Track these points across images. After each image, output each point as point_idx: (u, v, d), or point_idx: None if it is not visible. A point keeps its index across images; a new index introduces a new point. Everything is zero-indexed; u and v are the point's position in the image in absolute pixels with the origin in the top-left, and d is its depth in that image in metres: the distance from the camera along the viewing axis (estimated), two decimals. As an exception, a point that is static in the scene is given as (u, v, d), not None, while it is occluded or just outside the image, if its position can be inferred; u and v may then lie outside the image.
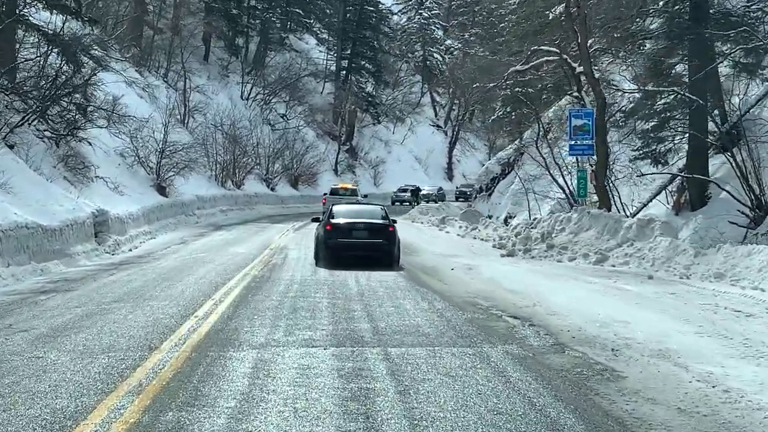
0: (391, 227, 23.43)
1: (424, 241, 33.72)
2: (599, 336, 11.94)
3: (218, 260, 25.82)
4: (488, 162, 58.21)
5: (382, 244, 23.01)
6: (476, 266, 22.65)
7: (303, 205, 70.17)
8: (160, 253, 30.09)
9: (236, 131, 62.24)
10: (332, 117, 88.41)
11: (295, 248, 30.81)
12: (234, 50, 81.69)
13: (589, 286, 17.24)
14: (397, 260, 23.34)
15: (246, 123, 66.93)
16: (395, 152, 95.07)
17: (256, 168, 65.12)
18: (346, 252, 22.95)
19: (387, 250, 22.95)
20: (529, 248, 25.61)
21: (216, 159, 58.46)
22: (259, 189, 64.74)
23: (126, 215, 36.29)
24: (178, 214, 46.41)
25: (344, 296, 16.69)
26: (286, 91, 79.88)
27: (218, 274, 21.24)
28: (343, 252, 22.95)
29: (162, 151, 47.20)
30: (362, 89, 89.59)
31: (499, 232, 33.10)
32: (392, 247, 23.07)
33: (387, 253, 22.91)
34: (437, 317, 13.99)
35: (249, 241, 35.20)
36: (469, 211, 46.52)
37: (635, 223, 22.19)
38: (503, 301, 15.77)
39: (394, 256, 23.05)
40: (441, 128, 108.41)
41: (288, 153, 70.24)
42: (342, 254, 22.92)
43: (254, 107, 75.45)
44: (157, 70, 66.89)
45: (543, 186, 48.06)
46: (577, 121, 26.18)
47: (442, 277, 20.81)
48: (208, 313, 14.37)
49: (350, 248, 22.97)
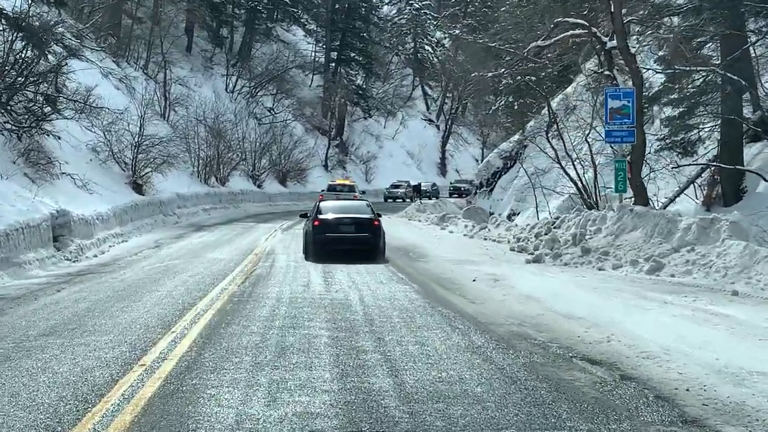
0: (376, 222, 23.85)
1: (429, 243, 29.57)
2: (746, 404, 7.78)
3: (193, 270, 21.62)
4: (489, 155, 54.07)
5: (369, 237, 23.50)
6: (502, 276, 18.51)
7: (292, 203, 65.88)
8: (128, 260, 25.87)
9: (220, 125, 57.96)
10: (321, 111, 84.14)
11: (284, 253, 26.62)
12: (218, 41, 77.35)
13: (667, 309, 13.10)
14: (383, 253, 23.83)
15: (231, 116, 62.68)
16: (387, 147, 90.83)
17: (242, 164, 60.84)
18: (333, 246, 23.26)
19: (373, 243, 23.49)
20: (559, 252, 21.47)
21: (198, 154, 54.15)
22: (245, 186, 60.46)
23: (93, 216, 32.05)
24: (155, 213, 42.14)
25: (348, 325, 12.52)
26: (273, 84, 75.56)
27: (189, 291, 17.04)
28: (331, 246, 23.24)
29: (138, 145, 42.91)
30: (352, 82, 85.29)
31: (513, 233, 28.99)
32: (378, 240, 23.62)
33: (373, 246, 23.45)
34: (483, 362, 9.83)
35: (232, 244, 30.99)
36: (473, 208, 42.39)
37: (695, 223, 18.06)
38: (563, 333, 11.63)
39: (379, 249, 23.59)
40: (433, 122, 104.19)
41: (275, 148, 65.95)
42: (330, 248, 23.18)
43: (240, 100, 71.16)
44: (136, 61, 62.56)
45: (551, 180, 44.01)
46: (615, 103, 22.03)
47: (464, 291, 16.66)
48: (161, 357, 10.17)
49: (338, 242, 23.35)
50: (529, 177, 43.00)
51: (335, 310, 14.06)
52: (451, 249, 27.11)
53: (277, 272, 20.62)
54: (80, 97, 45.47)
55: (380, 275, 19.72)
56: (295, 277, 19.50)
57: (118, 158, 42.54)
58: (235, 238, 34.13)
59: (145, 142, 43.38)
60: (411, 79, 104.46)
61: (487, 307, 14.40)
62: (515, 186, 49.54)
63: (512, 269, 20.11)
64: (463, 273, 19.69)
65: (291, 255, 25.77)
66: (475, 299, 15.48)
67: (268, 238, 33.87)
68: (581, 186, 37.83)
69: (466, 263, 22.05)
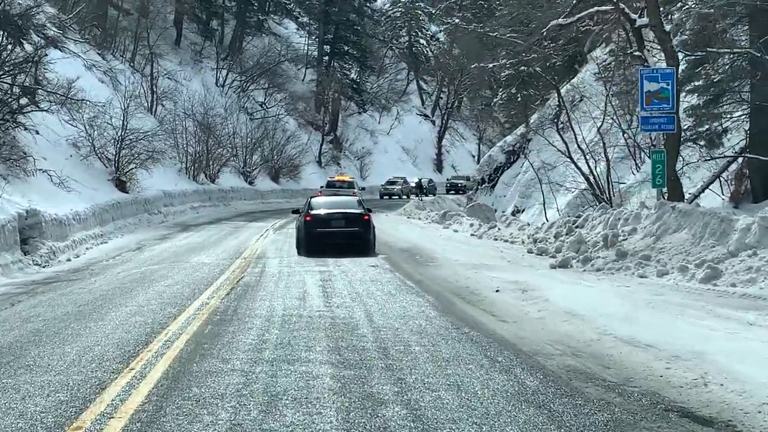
0: (366, 216, 24.00)
1: (436, 245, 26.81)
2: None
3: (173, 277, 18.88)
4: (491, 149, 51.33)
5: (359, 231, 23.72)
6: (528, 285, 15.77)
7: (284, 201, 63.06)
8: (103, 265, 23.10)
9: (210, 119, 55.12)
10: (314, 105, 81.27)
11: (276, 256, 23.88)
12: (208, 34, 74.50)
13: (757, 333, 10.36)
14: (373, 247, 24.03)
15: (221, 111, 59.84)
16: (382, 143, 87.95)
17: (233, 160, 58.01)
18: (325, 240, 23.43)
19: (364, 237, 23.70)
20: (589, 256, 18.73)
21: (186, 150, 51.31)
22: (235, 183, 57.65)
23: (69, 216, 29.28)
24: (140, 212, 39.35)
25: (357, 357, 9.76)
26: (264, 78, 72.66)
27: (163, 306, 14.28)
28: (323, 240, 23.41)
29: (121, 139, 40.09)
30: (346, 75, 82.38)
31: (528, 232, 26.28)
32: (368, 234, 23.84)
33: (364, 240, 23.64)
34: (549, 423, 7.07)
35: (219, 245, 28.23)
36: (477, 206, 39.65)
37: (756, 223, 15.32)
38: (637, 369, 8.90)
39: (370, 243, 23.77)
40: (428, 117, 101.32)
41: (267, 143, 63.08)
42: (321, 242, 23.37)
43: (230, 95, 68.29)
44: (123, 54, 59.72)
45: (558, 175, 41.29)
46: (651, 86, 19.22)
47: (489, 305, 13.95)
48: (106, 414, 7.40)
49: (329, 237, 23.56)
50: (535, 172, 40.30)
51: (338, 334, 11.29)
52: (461, 251, 24.36)
53: (267, 281, 17.85)
54: (61, 89, 42.85)
55: (387, 284, 16.97)
56: (288, 286, 16.74)
57: (101, 154, 39.76)
58: (224, 239, 31.36)
59: (129, 137, 40.55)
60: (406, 73, 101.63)
61: (523, 328, 11.66)
62: (519, 181, 46.82)
63: (538, 276, 17.37)
64: (482, 281, 16.95)
65: (284, 259, 23.02)
66: (506, 316, 12.74)
67: (258, 238, 31.11)
68: (593, 181, 35.25)
69: (482, 268, 19.31)
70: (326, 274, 18.85)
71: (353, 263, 21.29)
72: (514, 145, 48.91)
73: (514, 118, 51.14)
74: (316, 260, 22.50)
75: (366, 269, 19.88)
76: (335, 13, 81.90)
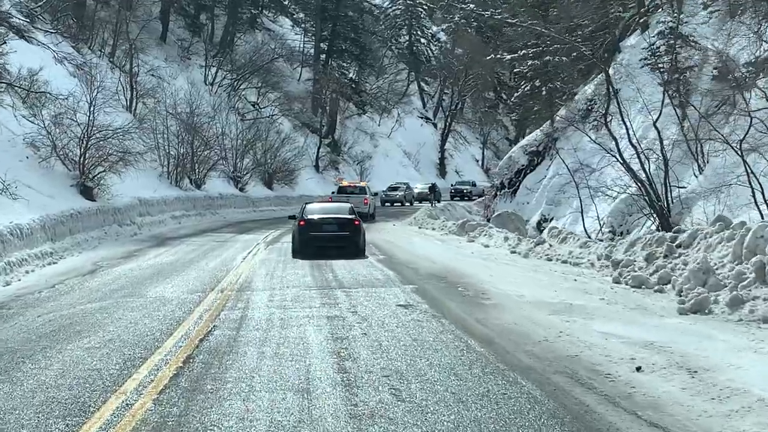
0: (357, 221, 24.72)
1: (474, 267, 20.15)
2: None
3: (107, 329, 12.33)
4: (511, 150, 44.61)
5: (350, 236, 24.22)
6: (685, 355, 9.21)
7: (279, 208, 56.27)
8: (29, 300, 16.45)
9: (195, 119, 48.39)
10: (311, 106, 74.54)
11: (265, 287, 17.27)
12: (196, 29, 67.84)
13: None
14: (363, 250, 24.36)
15: (208, 109, 53.08)
16: (382, 146, 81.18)
17: (221, 163, 51.24)
18: (317, 243, 23.96)
19: (354, 240, 24.20)
20: (739, 296, 12.08)
21: (168, 152, 44.59)
22: (224, 189, 50.90)
23: (6, 230, 22.61)
24: (108, 223, 32.64)
25: None
26: (257, 76, 65.92)
27: (62, 404, 7.60)
28: (315, 243, 23.95)
29: (87, 137, 33.41)
30: (344, 75, 75.64)
31: (596, 251, 19.63)
32: (358, 238, 24.29)
33: (354, 244, 24.13)
34: None
35: (194, 268, 21.57)
36: (505, 215, 33.04)
37: None
38: None
39: (360, 246, 24.22)
40: (430, 120, 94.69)
41: (260, 145, 56.31)
42: (314, 245, 23.89)
43: (220, 94, 61.56)
44: (102, 48, 53.08)
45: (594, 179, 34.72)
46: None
47: (655, 413, 7.27)
48: None
49: (321, 240, 24.10)
50: (571, 174, 33.67)
51: None
52: (514, 278, 17.73)
53: (248, 340, 11.20)
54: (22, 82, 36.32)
55: (441, 349, 10.31)
56: (280, 356, 10.08)
57: (63, 155, 33.11)
58: (203, 257, 24.68)
59: (96, 135, 33.87)
60: (406, 74, 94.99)
61: None
62: (546, 186, 40.23)
63: (677, 333, 10.76)
64: (591, 341, 10.34)
65: (276, 291, 16.41)
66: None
67: (246, 256, 24.49)
68: (646, 184, 28.79)
69: (571, 312, 12.68)
70: (338, 324, 12.23)
71: (372, 299, 14.70)
72: (538, 144, 42.35)
73: (537, 115, 44.50)
74: (320, 292, 15.99)
75: (396, 312, 13.29)
76: (333, 8, 75.14)
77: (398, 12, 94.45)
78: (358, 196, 43.67)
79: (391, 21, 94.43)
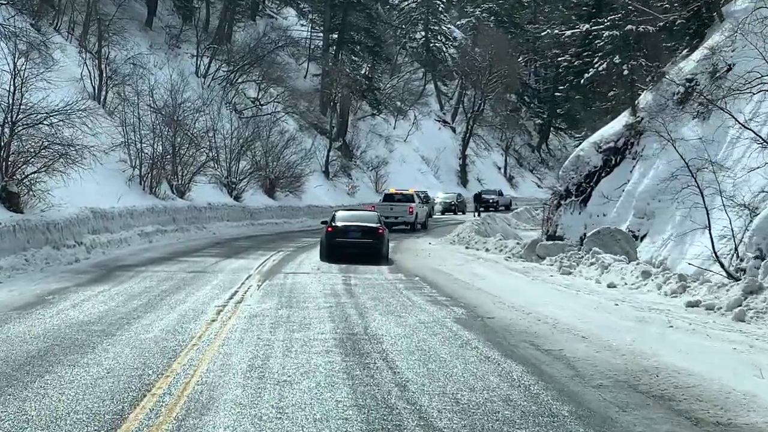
0: (380, 230, 25.02)
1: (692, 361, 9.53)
2: None
3: None
4: (580, 147, 34.01)
5: (373, 243, 24.63)
6: None
7: (283, 221, 45.82)
8: None
9: (179, 111, 37.94)
10: (319, 105, 64.03)
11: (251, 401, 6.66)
12: (188, 13, 57.46)
13: None
14: (386, 256, 24.91)
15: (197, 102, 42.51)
16: (398, 151, 70.54)
17: (212, 166, 40.65)
18: (342, 249, 24.32)
19: (377, 248, 24.61)
20: None
21: (140, 150, 34.13)
22: (215, 198, 40.34)
23: None
24: (37, 245, 22.28)
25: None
26: (257, 68, 55.44)
27: None
28: (341, 249, 24.34)
29: (12, 123, 23.05)
30: (357, 70, 65.10)
31: None
32: (381, 246, 24.72)
33: (377, 251, 24.56)
34: None
35: (114, 342, 11.04)
36: (606, 233, 22.48)
37: None
38: None
39: (382, 254, 24.66)
40: (448, 124, 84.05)
41: (260, 146, 45.81)
42: (339, 251, 24.28)
43: (214, 87, 51.10)
44: (71, 30, 42.86)
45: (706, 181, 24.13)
46: None
47: None
48: None
49: (346, 246, 24.47)
50: (691, 173, 23.11)
51: None
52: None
53: None
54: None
55: None
56: None
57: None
58: (151, 308, 14.29)
59: (25, 121, 23.48)
60: (422, 74, 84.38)
61: None
62: (632, 193, 29.64)
63: None
64: None
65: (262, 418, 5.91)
66: None
67: (223, 308, 14.07)
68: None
69: None
70: None
71: None
72: (617, 139, 31.77)
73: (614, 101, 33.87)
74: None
75: None
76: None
77: (414, 5, 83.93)
78: (403, 204, 41.20)
79: (406, 16, 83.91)
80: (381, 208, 38.49)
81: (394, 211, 40.47)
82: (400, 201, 41.49)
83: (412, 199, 42.15)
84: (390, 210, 40.17)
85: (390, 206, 40.54)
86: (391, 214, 39.80)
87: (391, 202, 41.43)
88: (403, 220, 40.56)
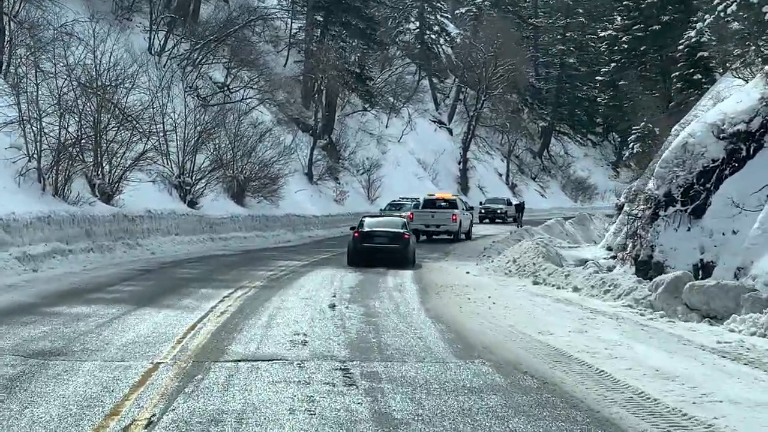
0: (406, 235, 24.35)
1: None
2: None
3: None
4: (687, 132, 22.74)
5: (399, 248, 23.89)
6: None
7: (255, 234, 34.31)
8: None
9: (106, 77, 26.38)
10: (302, 97, 52.51)
11: None
12: (141, -21, 45.79)
13: None
14: (412, 262, 24.24)
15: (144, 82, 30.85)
16: (392, 152, 59.07)
17: (156, 161, 28.95)
18: (369, 254, 23.68)
19: (403, 253, 23.90)
20: None
21: (40, 131, 22.59)
22: (159, 203, 28.62)
23: None
24: None
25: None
26: (226, 46, 43.95)
27: None
28: (367, 254, 23.69)
29: None
30: (345, 55, 53.63)
31: None
32: (406, 251, 24.05)
33: (403, 256, 23.86)
34: None
35: None
36: None
37: None
38: None
39: (408, 259, 24.00)
40: (444, 125, 72.73)
41: (225, 135, 34.38)
42: (365, 255, 23.66)
43: (171, 66, 39.50)
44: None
45: None
46: None
47: None
48: None
49: (373, 252, 23.81)
50: None
51: None
52: None
53: None
54: None
55: None
56: None
57: None
58: None
59: None
60: (416, 68, 73.00)
61: None
62: (787, 198, 18.51)
63: None
64: None
65: None
66: None
67: None
68: None
69: None
70: None
71: None
72: (749, 119, 20.51)
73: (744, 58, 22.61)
74: None
75: None
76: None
77: (407, -8, 72.53)
78: (446, 211, 35.97)
79: (398, 2, 72.48)
80: (420, 215, 35.92)
81: (436, 218, 35.77)
82: (443, 207, 36.44)
83: (455, 205, 36.88)
84: (431, 217, 35.78)
85: (431, 213, 35.99)
86: (432, 222, 35.79)
87: (432, 209, 36.42)
88: (445, 228, 35.83)
